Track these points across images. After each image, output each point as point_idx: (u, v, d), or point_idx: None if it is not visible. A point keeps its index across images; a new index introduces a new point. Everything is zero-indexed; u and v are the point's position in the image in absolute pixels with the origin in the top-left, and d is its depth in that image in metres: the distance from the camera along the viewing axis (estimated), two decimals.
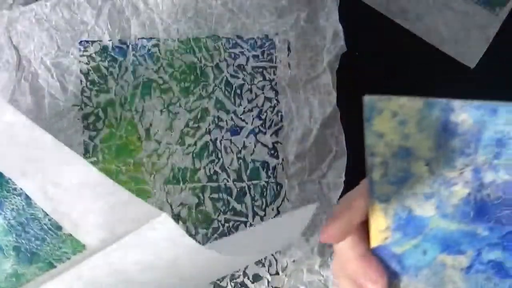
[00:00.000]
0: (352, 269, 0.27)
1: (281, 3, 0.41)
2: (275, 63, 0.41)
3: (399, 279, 0.27)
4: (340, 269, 0.28)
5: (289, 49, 0.41)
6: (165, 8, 0.40)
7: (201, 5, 0.41)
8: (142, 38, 0.40)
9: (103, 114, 0.40)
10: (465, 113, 0.25)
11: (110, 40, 0.40)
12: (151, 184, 0.39)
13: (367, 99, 0.25)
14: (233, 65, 0.41)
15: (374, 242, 0.27)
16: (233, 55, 0.41)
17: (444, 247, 0.27)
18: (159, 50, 0.40)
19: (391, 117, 0.25)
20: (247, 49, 0.41)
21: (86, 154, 0.39)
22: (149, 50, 0.40)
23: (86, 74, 0.40)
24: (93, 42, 0.40)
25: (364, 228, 0.27)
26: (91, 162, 0.40)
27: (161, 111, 0.40)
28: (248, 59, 0.41)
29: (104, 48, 0.40)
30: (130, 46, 0.40)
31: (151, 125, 0.40)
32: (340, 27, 0.41)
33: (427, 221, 0.26)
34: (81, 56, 0.40)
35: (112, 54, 0.40)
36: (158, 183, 0.40)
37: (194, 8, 0.41)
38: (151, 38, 0.40)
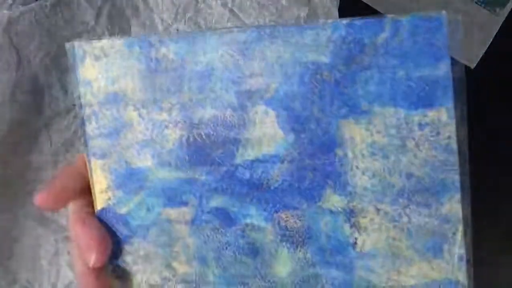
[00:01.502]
0: (74, 234, 0.25)
1: (281, 3, 0.41)
2: None
3: (130, 243, 0.25)
4: (70, 233, 0.26)
5: None
6: (165, 8, 0.40)
7: (201, 5, 0.41)
8: None
9: None
10: (164, 48, 0.23)
11: None
12: None
13: (68, 45, 0.24)
14: None
15: (98, 205, 0.25)
16: None
17: (167, 200, 0.24)
18: None
19: (95, 61, 0.24)
20: None
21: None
22: None
23: None
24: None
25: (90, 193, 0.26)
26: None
27: None
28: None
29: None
30: None
31: None
32: None
33: (146, 173, 0.24)
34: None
35: None
36: None
37: (194, 8, 0.41)
38: None
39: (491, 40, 0.43)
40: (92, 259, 0.24)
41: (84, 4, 0.40)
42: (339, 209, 0.24)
